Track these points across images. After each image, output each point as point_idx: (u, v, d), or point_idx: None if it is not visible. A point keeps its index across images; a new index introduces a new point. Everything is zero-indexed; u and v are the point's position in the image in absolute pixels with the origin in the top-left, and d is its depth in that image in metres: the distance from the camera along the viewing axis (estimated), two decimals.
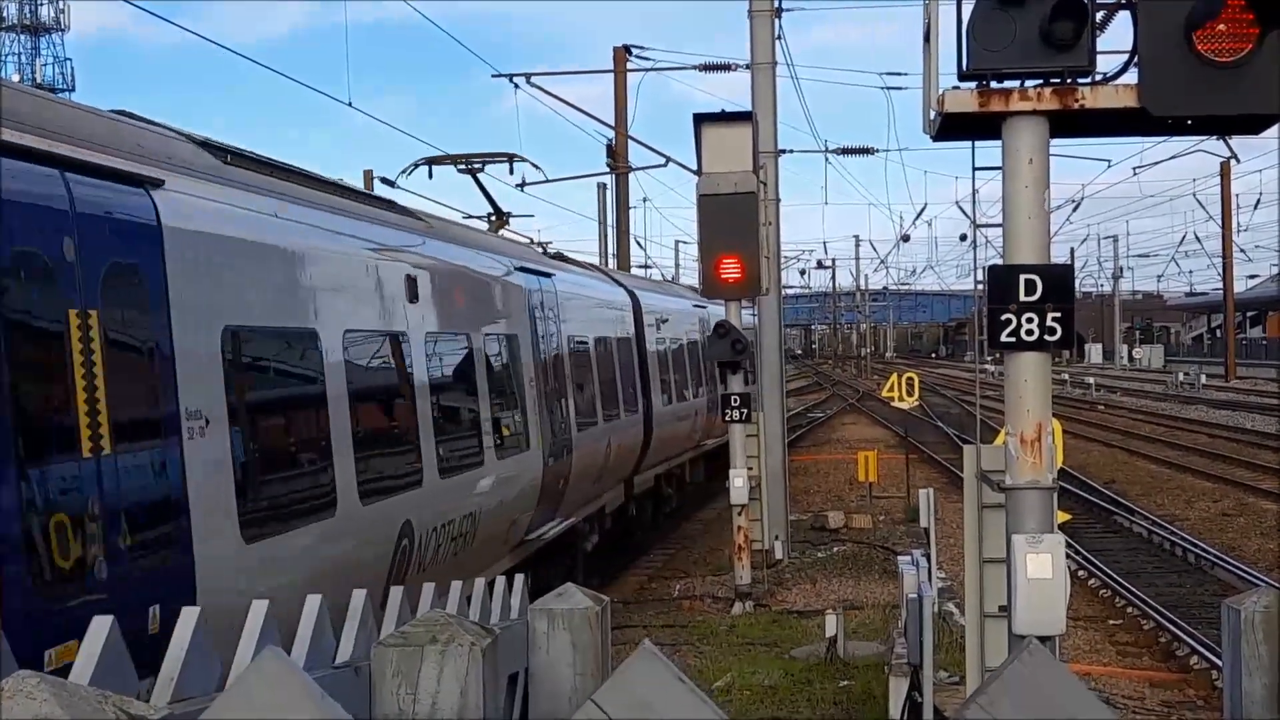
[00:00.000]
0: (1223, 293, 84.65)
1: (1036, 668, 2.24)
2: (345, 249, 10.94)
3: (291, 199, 10.27)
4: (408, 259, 12.31)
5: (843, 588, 19.83)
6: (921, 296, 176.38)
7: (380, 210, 12.82)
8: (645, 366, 24.19)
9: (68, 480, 6.75)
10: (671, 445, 26.42)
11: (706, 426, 29.47)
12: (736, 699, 12.94)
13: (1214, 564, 20.75)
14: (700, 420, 29.20)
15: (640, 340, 24.23)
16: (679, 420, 27.04)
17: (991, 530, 8.50)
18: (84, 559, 6.78)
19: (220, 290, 8.48)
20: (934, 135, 7.89)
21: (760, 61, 22.52)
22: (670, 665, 2.32)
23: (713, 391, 29.56)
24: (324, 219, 10.69)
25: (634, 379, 23.31)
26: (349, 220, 11.35)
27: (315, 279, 10.03)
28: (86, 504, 6.85)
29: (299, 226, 10.00)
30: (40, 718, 2.64)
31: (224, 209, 8.84)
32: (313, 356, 9.83)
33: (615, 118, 36.98)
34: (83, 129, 7.74)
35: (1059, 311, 7.56)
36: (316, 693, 2.28)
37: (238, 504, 8.29)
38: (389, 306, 11.51)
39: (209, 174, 9.04)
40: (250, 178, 9.79)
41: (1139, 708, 13.43)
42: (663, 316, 26.95)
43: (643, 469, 23.75)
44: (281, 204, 9.92)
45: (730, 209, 17.94)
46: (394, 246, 12.18)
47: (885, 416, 52.81)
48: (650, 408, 23.93)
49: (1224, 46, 7.21)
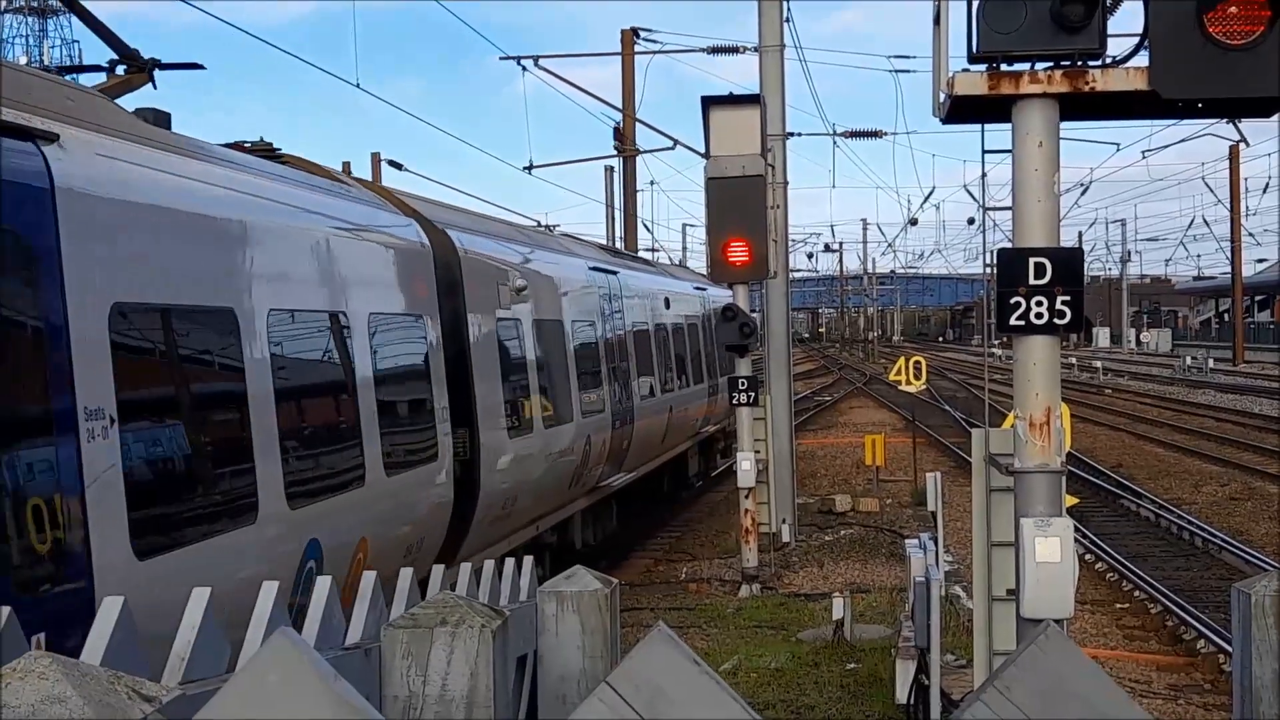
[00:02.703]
0: (1231, 277, 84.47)
1: (1053, 651, 2.23)
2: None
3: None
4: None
5: (850, 571, 19.85)
6: (929, 280, 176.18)
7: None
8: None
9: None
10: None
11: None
12: (743, 681, 12.96)
13: (1221, 548, 20.74)
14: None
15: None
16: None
17: (1000, 514, 8.50)
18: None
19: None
20: (943, 118, 7.87)
21: (769, 44, 22.46)
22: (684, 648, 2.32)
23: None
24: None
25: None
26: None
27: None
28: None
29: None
30: (52, 697, 2.65)
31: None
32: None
33: (623, 100, 36.90)
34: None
35: (1068, 295, 7.54)
36: (329, 673, 2.28)
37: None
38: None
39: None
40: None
41: (1146, 691, 13.43)
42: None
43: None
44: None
45: (738, 192, 17.91)
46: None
47: (892, 400, 52.79)
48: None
49: (1235, 29, 7.17)
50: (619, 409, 20.03)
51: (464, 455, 13.18)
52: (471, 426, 13.39)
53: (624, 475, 20.67)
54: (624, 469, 20.69)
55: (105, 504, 6.79)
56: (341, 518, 9.93)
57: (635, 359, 21.84)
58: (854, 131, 37.30)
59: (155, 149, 8.19)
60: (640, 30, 36.30)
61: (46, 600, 6.28)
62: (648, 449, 22.65)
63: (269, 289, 9.10)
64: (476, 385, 13.53)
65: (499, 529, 14.57)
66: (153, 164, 7.99)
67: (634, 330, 22.28)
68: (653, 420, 22.73)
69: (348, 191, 11.88)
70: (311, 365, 10.05)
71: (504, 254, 15.63)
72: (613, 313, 20.80)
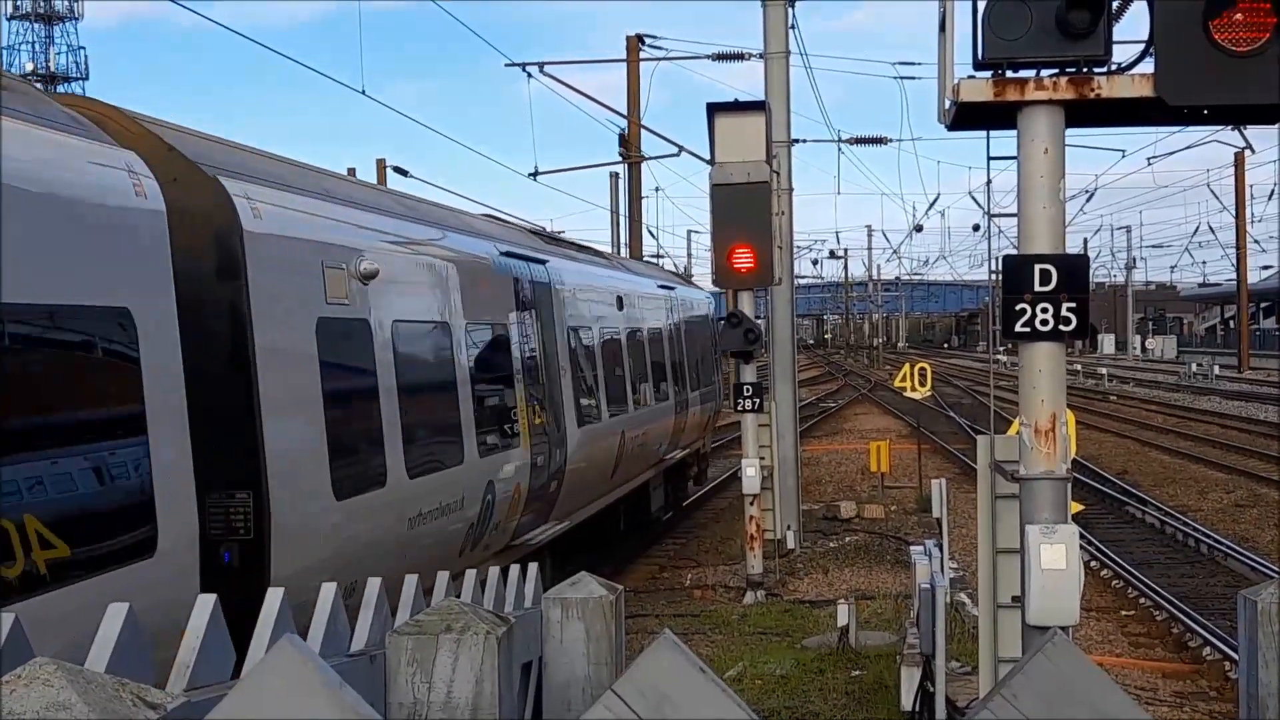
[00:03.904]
0: (1236, 283, 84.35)
1: (1060, 659, 2.23)
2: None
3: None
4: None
5: (854, 577, 19.83)
6: (934, 287, 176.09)
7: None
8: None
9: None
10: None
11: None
12: (748, 688, 12.95)
13: (1227, 555, 20.70)
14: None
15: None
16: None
17: (1005, 520, 8.49)
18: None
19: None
20: (949, 124, 7.87)
21: (773, 51, 22.48)
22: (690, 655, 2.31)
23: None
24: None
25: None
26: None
27: None
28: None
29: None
30: (57, 704, 2.64)
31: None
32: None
33: (628, 107, 36.92)
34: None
35: (1074, 302, 7.54)
36: (335, 680, 2.27)
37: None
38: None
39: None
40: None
41: (1152, 699, 13.40)
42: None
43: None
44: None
45: (743, 198, 17.92)
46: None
47: (897, 407, 52.74)
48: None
49: (1241, 36, 7.18)
50: (544, 440, 15.32)
51: (244, 532, 8.83)
52: (258, 488, 8.84)
53: (553, 526, 16.08)
54: (553, 517, 16.19)
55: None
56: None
57: (570, 374, 16.91)
58: (859, 138, 37.26)
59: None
60: (645, 37, 36.33)
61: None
62: (590, 487, 18.00)
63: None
64: (265, 425, 8.90)
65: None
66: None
67: (571, 336, 17.35)
68: (597, 450, 18.08)
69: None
70: None
71: (340, 225, 10.70)
72: (538, 313, 15.88)
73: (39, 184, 6.86)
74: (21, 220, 6.57)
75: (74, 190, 7.15)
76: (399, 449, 10.87)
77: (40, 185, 6.87)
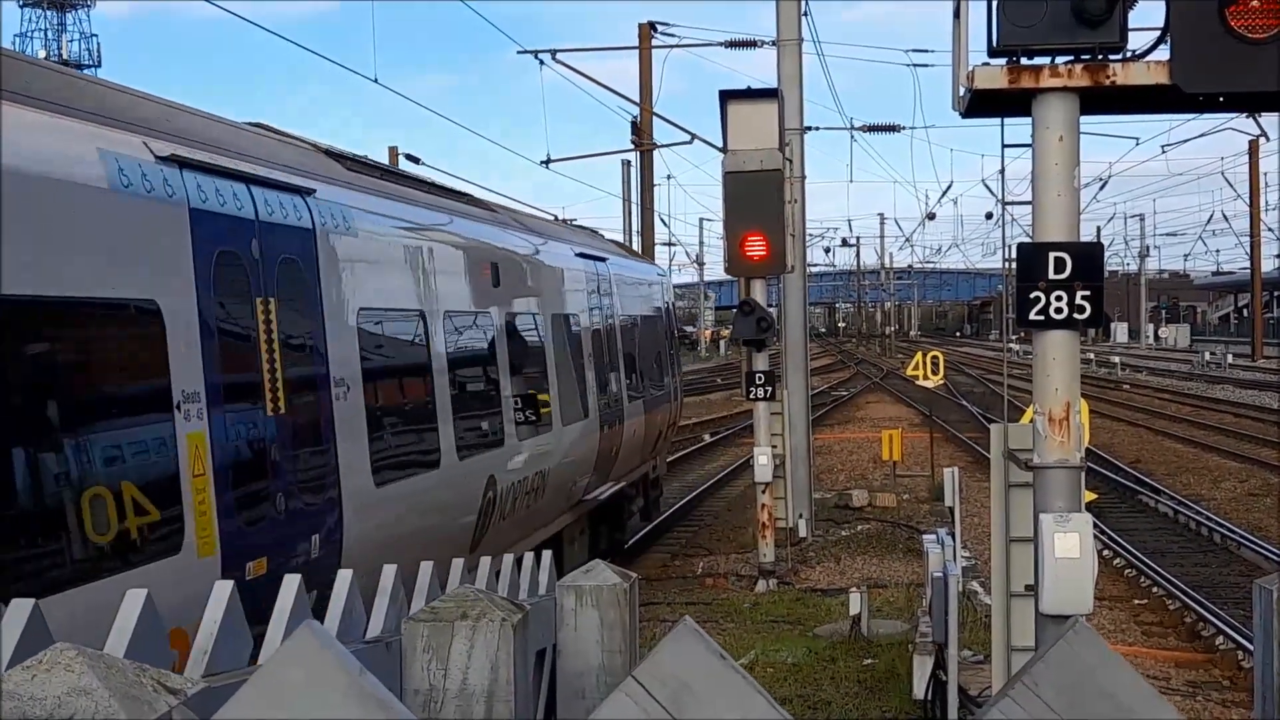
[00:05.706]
0: (1250, 272, 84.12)
1: (1082, 648, 2.23)
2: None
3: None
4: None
5: (866, 566, 19.84)
6: (946, 275, 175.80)
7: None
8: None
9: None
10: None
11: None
12: (760, 676, 12.96)
13: (1240, 544, 20.67)
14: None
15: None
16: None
17: (1018, 509, 8.48)
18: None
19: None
20: (963, 112, 7.86)
21: (786, 38, 22.44)
22: (711, 643, 2.32)
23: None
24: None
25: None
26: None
27: None
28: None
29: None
30: (78, 689, 2.65)
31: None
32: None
33: (640, 94, 36.90)
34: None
35: (1088, 290, 7.53)
36: (355, 667, 2.28)
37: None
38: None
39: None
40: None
41: (1165, 688, 13.39)
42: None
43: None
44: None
45: (755, 186, 17.88)
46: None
47: (909, 395, 52.70)
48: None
49: (1257, 23, 7.15)
50: (313, 503, 8.97)
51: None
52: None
53: None
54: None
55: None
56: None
57: (357, 389, 9.77)
58: (872, 126, 37.24)
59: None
60: (658, 24, 36.29)
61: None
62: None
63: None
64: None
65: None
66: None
67: (365, 323, 10.16)
68: (414, 516, 10.85)
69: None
70: None
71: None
72: (325, 289, 9.46)
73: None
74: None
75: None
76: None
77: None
